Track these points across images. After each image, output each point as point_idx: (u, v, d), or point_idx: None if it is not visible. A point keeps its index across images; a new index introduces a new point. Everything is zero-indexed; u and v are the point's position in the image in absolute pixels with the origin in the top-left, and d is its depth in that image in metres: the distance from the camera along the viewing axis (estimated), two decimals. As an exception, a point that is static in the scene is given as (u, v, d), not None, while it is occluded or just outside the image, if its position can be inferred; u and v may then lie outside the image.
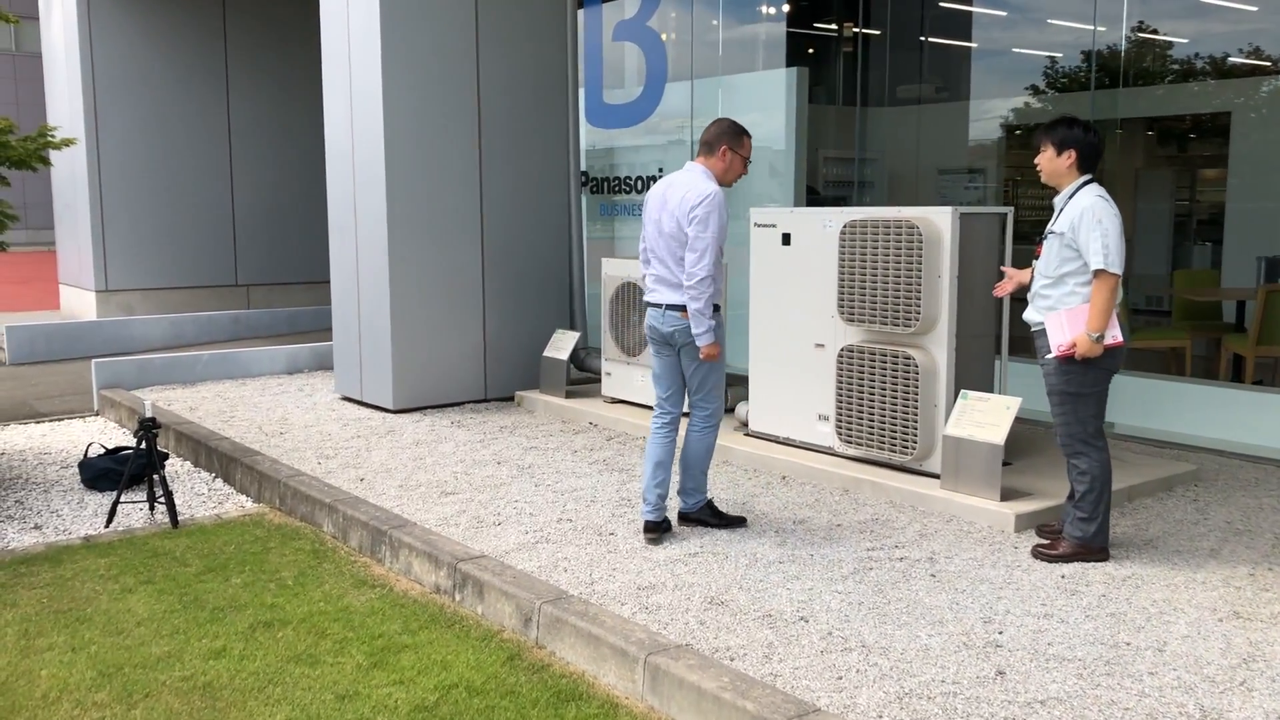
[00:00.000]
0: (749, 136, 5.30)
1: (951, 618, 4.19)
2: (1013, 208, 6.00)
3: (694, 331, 5.06)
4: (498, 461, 6.72)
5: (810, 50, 12.17)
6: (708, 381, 5.25)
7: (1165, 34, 10.41)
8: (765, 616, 4.22)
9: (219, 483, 6.91)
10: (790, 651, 3.91)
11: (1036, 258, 4.91)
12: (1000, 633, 4.04)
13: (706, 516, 5.36)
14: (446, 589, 4.87)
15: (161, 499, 6.10)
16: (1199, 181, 11.81)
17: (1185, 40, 10.45)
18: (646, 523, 5.17)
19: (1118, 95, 10.67)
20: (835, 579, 4.62)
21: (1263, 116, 10.03)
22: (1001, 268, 5.45)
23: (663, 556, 4.92)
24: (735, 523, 5.33)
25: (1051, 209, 4.91)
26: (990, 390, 6.05)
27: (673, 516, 5.39)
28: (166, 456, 6.57)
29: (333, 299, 8.80)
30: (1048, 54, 11.81)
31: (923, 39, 12.15)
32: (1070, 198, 4.78)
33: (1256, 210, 10.03)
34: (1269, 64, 9.94)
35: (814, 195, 10.56)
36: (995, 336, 6.06)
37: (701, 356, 5.11)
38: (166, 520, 6.03)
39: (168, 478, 6.43)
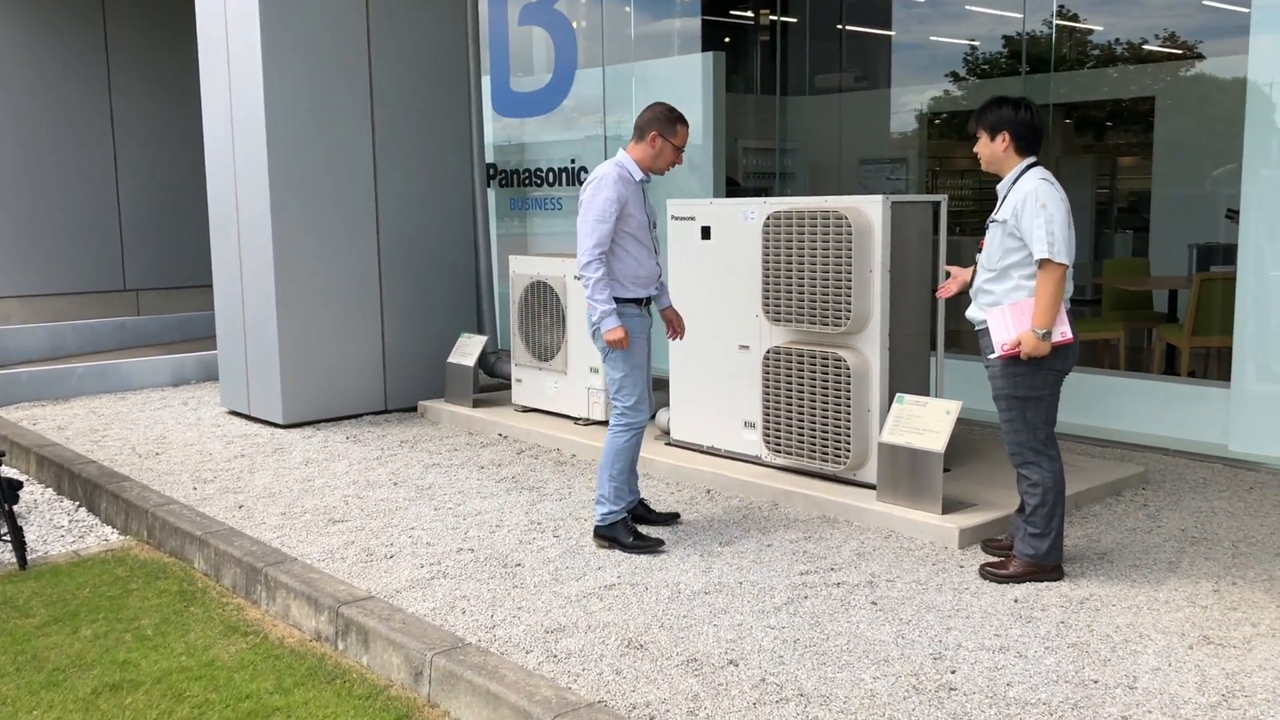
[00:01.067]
0: (685, 124, 4.93)
1: (898, 654, 3.72)
2: (945, 195, 5.57)
3: (590, 320, 4.78)
4: (394, 482, 6.12)
5: (726, 39, 11.72)
6: (616, 376, 4.87)
7: (1088, 21, 10.16)
8: (690, 661, 3.71)
9: (82, 513, 6.20)
10: (719, 705, 3.41)
11: (979, 250, 4.47)
12: (953, 672, 3.59)
13: (615, 538, 4.89)
14: (328, 636, 4.28)
15: (6, 536, 5.39)
16: (1121, 170, 11.62)
17: (1104, 27, 10.21)
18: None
19: (1033, 81, 10.40)
20: (767, 610, 4.12)
21: (1186, 101, 9.82)
22: (945, 267, 5.01)
23: (575, 591, 4.39)
24: (650, 546, 4.83)
25: (989, 199, 4.48)
26: (926, 392, 5.62)
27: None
28: (20, 485, 5.84)
29: (216, 305, 8.10)
30: (968, 41, 11.53)
31: (841, 26, 11.77)
32: (1013, 183, 4.34)
33: (1183, 197, 9.82)
34: (1189, 50, 9.75)
35: (734, 187, 10.11)
36: (930, 334, 5.63)
37: (606, 343, 4.78)
38: (13, 561, 5.33)
39: (19, 511, 5.72)
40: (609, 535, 4.92)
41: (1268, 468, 5.96)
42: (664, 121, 4.85)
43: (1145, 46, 10.10)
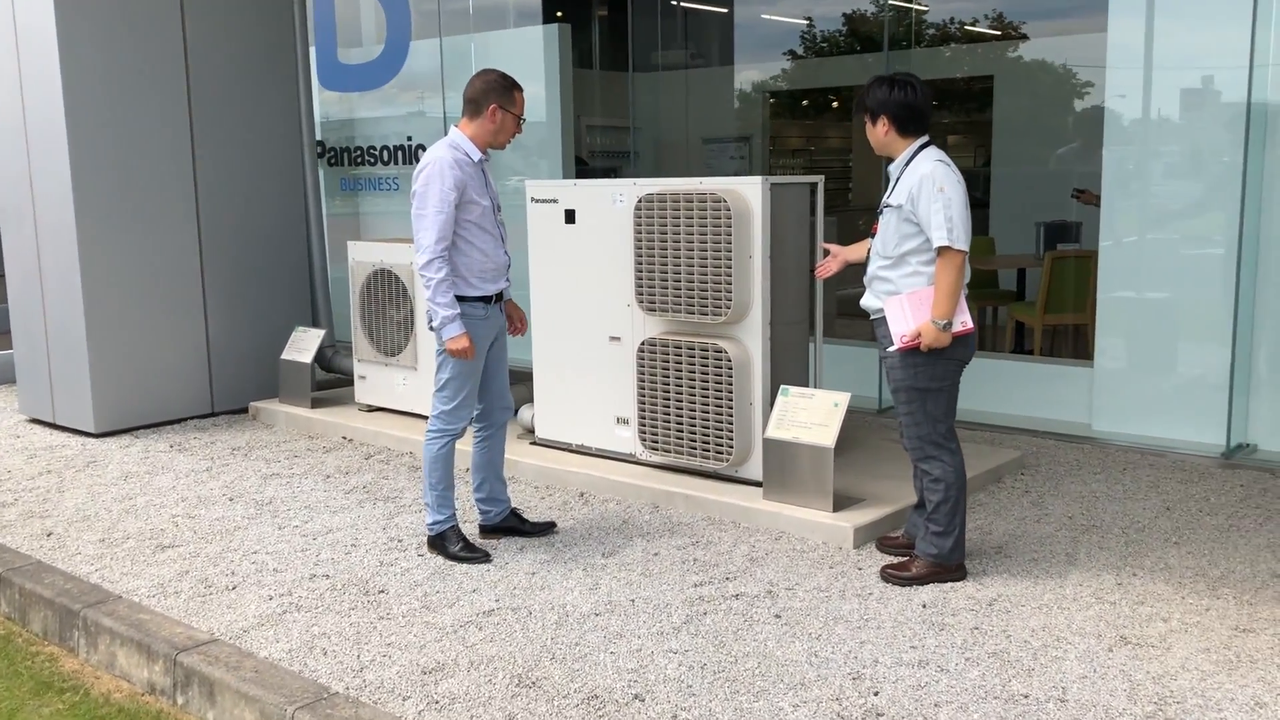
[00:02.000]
0: (520, 90, 4.44)
1: (814, 676, 3.44)
2: (823, 176, 5.32)
3: (432, 325, 4.35)
4: (230, 497, 5.49)
5: (558, 14, 11.26)
6: (442, 376, 4.47)
7: (924, 1, 10.18)
8: (590, 699, 3.33)
9: None
10: (631, 751, 3.04)
11: (873, 235, 4.22)
12: (875, 693, 3.32)
13: (444, 546, 4.55)
14: (164, 689, 3.70)
15: None
16: (959, 149, 11.76)
17: (935, 7, 10.26)
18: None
19: (865, 61, 10.40)
20: (666, 632, 3.78)
21: (1023, 81, 9.95)
22: (824, 245, 4.76)
23: (449, 620, 3.94)
24: (476, 558, 4.48)
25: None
26: (806, 382, 5.38)
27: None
28: None
29: (9, 297, 7.19)
30: (804, 19, 11.43)
31: (680, 2, 11.48)
32: (906, 165, 4.10)
33: (1022, 175, 9.96)
34: (1015, 30, 9.89)
35: (582, 166, 9.70)
36: (809, 321, 5.39)
37: (448, 352, 4.37)
38: None
39: None
40: (437, 545, 4.55)
41: (1136, 448, 5.98)
42: (501, 90, 4.36)
43: (975, 27, 10.20)
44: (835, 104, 12.59)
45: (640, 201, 5.18)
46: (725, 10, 11.69)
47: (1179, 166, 6.04)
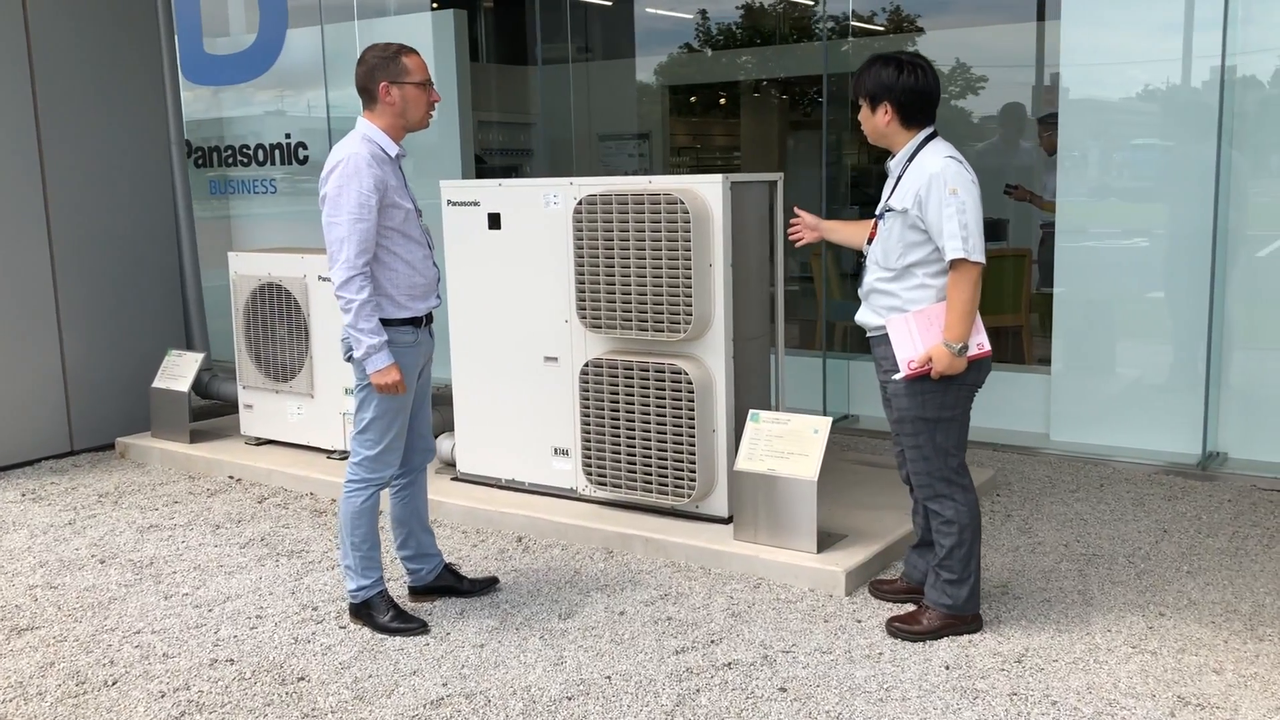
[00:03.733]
0: (412, 54, 3.69)
1: (847, 770, 2.88)
2: (782, 174, 4.78)
3: (348, 352, 3.66)
4: (100, 558, 4.64)
5: (435, 4, 10.49)
6: (365, 416, 3.72)
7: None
8: (588, 822, 2.69)
9: None
10: None
11: (870, 240, 3.68)
12: (926, 790, 2.78)
13: (371, 616, 3.84)
14: (31, 832, 2.91)
15: None
16: (846, 144, 11.42)
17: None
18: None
19: (764, 53, 9.99)
20: (656, 717, 3.17)
21: (942, 75, 9.64)
22: (795, 208, 4.11)
23: (391, 714, 3.24)
24: (412, 629, 3.80)
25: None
26: (769, 403, 4.83)
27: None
28: None
29: None
30: (699, 12, 10.94)
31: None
32: (909, 161, 3.58)
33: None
34: (911, 23, 9.57)
35: (481, 165, 8.98)
36: (770, 335, 4.84)
37: (375, 387, 3.64)
38: None
39: None
40: (363, 615, 3.83)
41: (1101, 459, 5.63)
42: (384, 64, 3.64)
43: (867, 22, 9.86)
44: (722, 100, 12.17)
45: (581, 204, 4.54)
46: (609, 2, 11.10)
47: (1146, 163, 5.72)
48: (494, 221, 4.93)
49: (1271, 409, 5.43)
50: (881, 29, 9.19)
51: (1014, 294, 7.29)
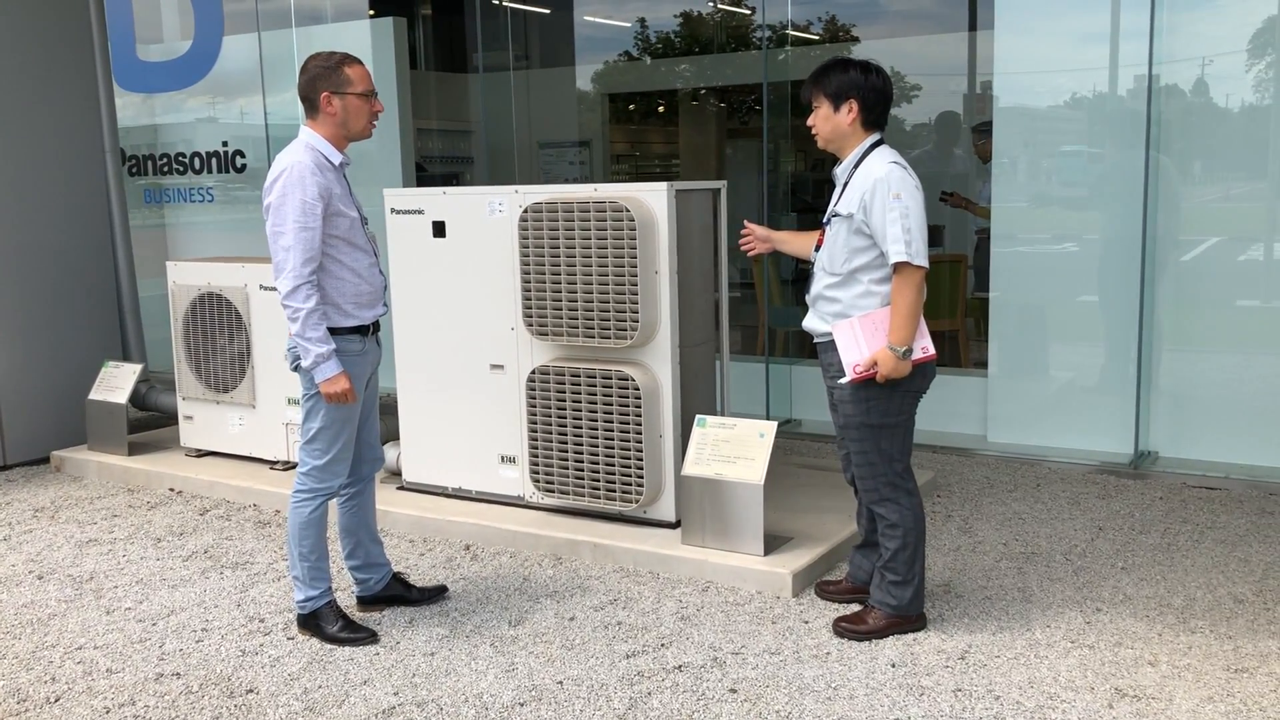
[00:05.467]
0: (355, 64, 3.69)
1: (798, 768, 2.92)
2: (725, 181, 4.84)
3: (294, 360, 3.65)
4: (38, 574, 4.55)
5: (371, 12, 10.45)
6: (312, 426, 3.72)
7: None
8: (543, 826, 2.71)
9: None
10: None
11: (818, 248, 3.75)
12: (876, 785, 2.84)
13: (320, 627, 3.82)
14: None
15: None
16: (784, 152, 11.56)
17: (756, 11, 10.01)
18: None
19: (702, 61, 10.08)
20: (609, 722, 3.19)
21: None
22: (745, 221, 4.15)
23: (343, 725, 3.23)
24: (361, 639, 3.79)
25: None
26: (715, 409, 4.88)
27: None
28: None
29: None
30: (638, 20, 11.01)
31: (504, 3, 10.85)
32: (855, 166, 3.64)
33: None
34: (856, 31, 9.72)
35: (421, 173, 8.94)
36: (715, 341, 4.89)
37: (324, 396, 3.62)
38: None
39: None
40: (311, 626, 3.82)
41: (1037, 460, 5.76)
42: (326, 74, 3.63)
43: (804, 31, 9.99)
44: (662, 108, 12.27)
45: (526, 212, 4.56)
46: (547, 10, 11.12)
47: (1077, 169, 5.88)
48: (439, 229, 4.92)
49: (1200, 409, 5.60)
50: (818, 38, 9.31)
51: (950, 299, 7.43)
